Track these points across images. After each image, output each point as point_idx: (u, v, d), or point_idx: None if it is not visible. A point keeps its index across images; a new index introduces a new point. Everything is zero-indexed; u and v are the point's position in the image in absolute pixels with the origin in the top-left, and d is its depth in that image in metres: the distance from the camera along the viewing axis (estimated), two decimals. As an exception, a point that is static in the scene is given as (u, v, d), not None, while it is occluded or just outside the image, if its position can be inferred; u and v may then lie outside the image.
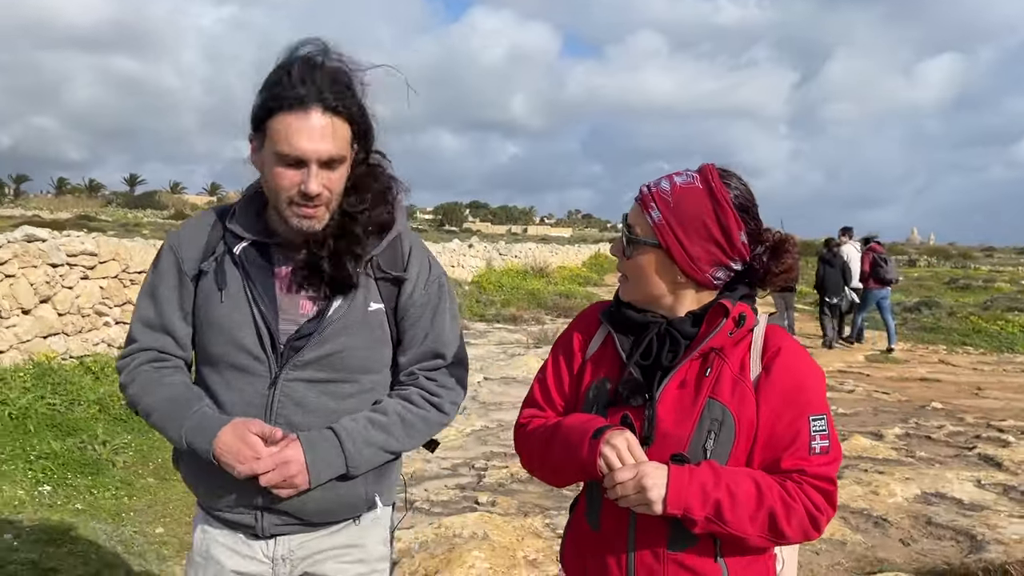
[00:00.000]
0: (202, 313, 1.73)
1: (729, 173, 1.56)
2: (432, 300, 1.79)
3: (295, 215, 1.62)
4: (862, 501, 5.18)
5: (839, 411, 8.01)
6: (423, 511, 4.87)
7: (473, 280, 19.07)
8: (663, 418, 1.51)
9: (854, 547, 4.46)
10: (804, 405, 1.48)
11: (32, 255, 6.83)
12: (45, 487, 4.62)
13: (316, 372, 1.69)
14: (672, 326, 1.54)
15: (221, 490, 1.71)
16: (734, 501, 1.43)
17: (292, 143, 1.57)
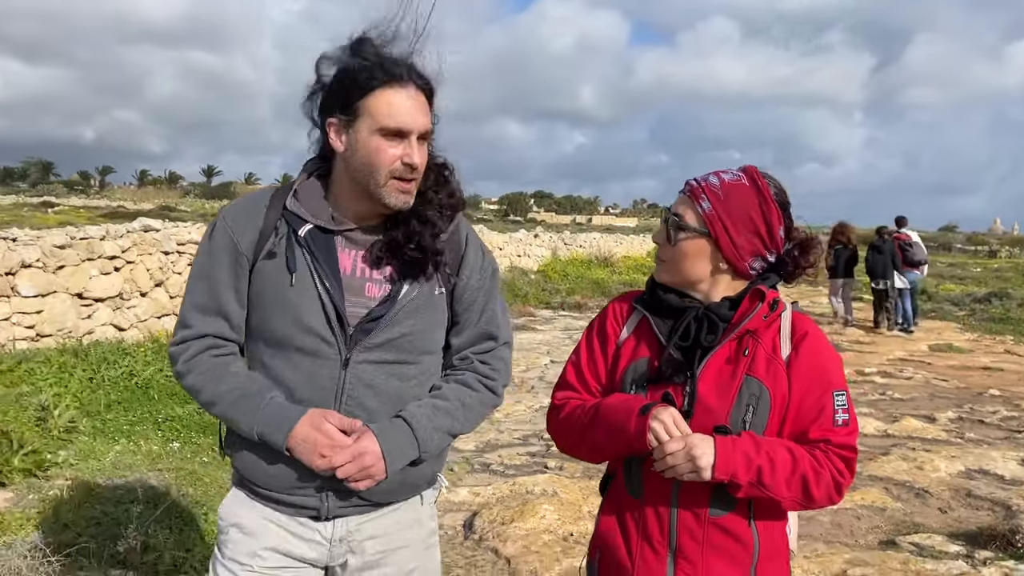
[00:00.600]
0: (266, 294, 1.70)
1: (768, 175, 1.70)
2: (487, 284, 1.85)
3: (395, 190, 1.65)
4: (906, 475, 5.54)
5: (894, 396, 8.29)
6: (499, 473, 5.42)
7: (539, 269, 19.59)
8: (704, 394, 1.63)
9: (893, 513, 4.85)
10: (828, 382, 1.63)
11: (148, 244, 7.63)
12: (175, 443, 5.35)
13: (385, 354, 1.71)
14: (710, 310, 1.66)
15: (284, 474, 1.70)
16: (773, 467, 1.57)
17: (396, 116, 1.61)
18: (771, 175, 1.70)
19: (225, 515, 1.80)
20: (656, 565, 1.67)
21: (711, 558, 1.63)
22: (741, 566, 1.64)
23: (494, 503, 4.74)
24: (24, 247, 6.92)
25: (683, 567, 1.65)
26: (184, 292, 1.78)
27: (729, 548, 1.63)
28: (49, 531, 3.57)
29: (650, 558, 1.67)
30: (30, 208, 44.40)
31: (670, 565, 1.66)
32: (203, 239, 1.76)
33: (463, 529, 4.41)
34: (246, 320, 1.75)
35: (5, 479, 4.30)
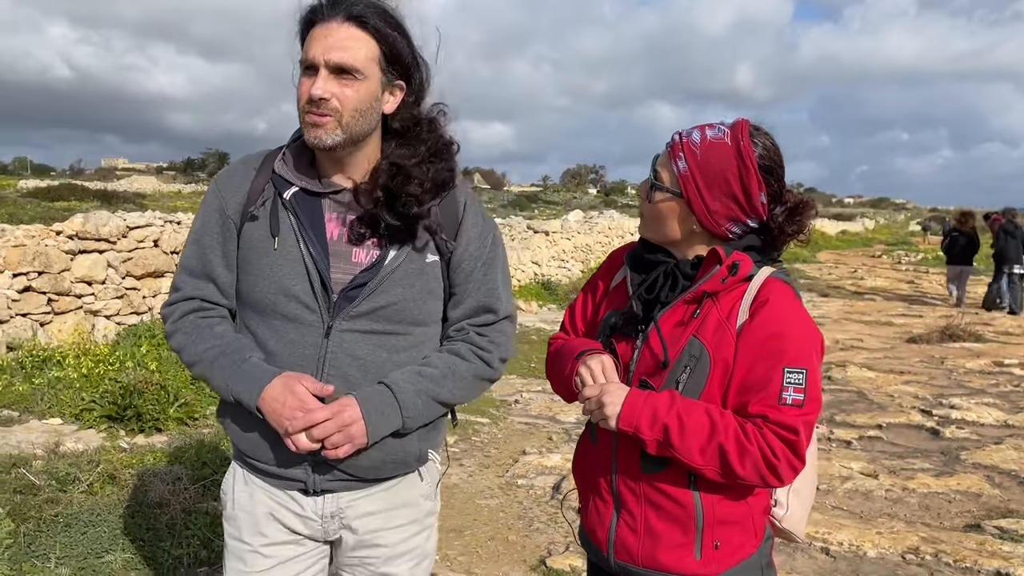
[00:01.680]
0: (251, 259, 1.65)
1: (759, 131, 1.59)
2: (486, 255, 1.75)
3: (308, 125, 1.58)
4: (1014, 464, 5.38)
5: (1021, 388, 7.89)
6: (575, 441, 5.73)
7: (673, 254, 19.51)
8: (652, 349, 1.60)
9: (988, 499, 4.77)
10: (779, 355, 1.50)
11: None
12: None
13: (371, 323, 1.63)
14: (677, 267, 1.62)
15: (272, 444, 1.65)
16: (683, 429, 1.50)
17: (308, 50, 1.56)
18: (763, 131, 1.60)
19: (226, 490, 1.77)
20: (604, 510, 1.68)
21: (650, 514, 1.61)
22: (683, 528, 1.59)
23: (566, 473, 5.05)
24: (187, 229, 7.85)
25: (625, 517, 1.64)
26: (180, 256, 1.77)
27: (669, 508, 1.59)
28: (191, 467, 4.22)
29: (599, 503, 1.70)
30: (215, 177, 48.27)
31: (614, 514, 1.66)
32: (201, 204, 1.74)
33: (550, 490, 4.76)
34: (237, 287, 1.71)
35: (162, 425, 5.05)
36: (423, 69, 1.65)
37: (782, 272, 1.63)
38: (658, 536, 1.61)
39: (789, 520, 1.70)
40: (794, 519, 1.71)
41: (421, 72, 1.65)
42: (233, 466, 1.79)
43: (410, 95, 1.65)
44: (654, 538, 1.61)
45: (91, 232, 6.83)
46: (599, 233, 16.76)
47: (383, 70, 1.59)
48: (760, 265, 1.60)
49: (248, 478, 1.74)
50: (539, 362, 8.37)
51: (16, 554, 3.33)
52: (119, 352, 6.28)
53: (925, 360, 9.40)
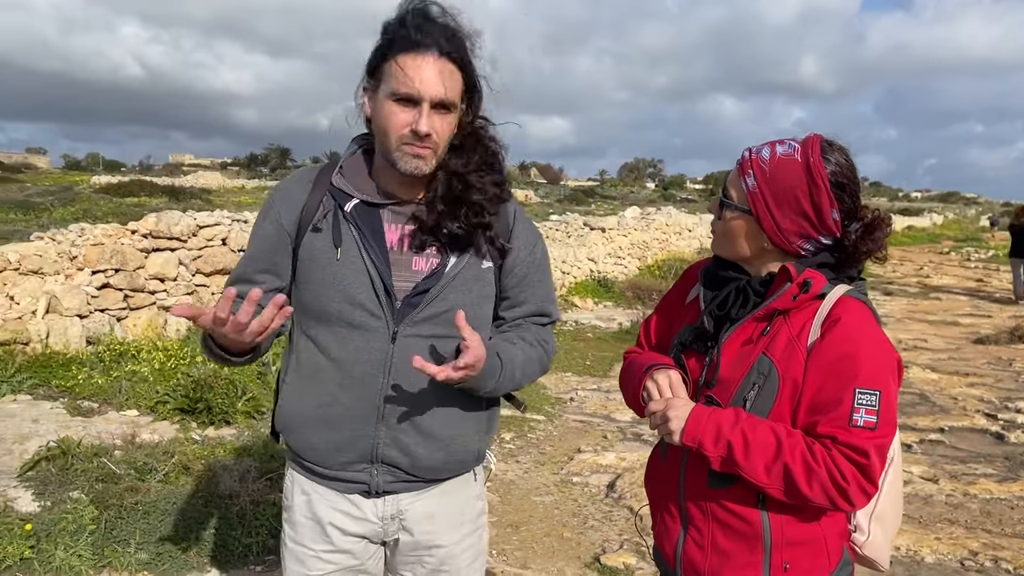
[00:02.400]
0: (313, 269, 1.69)
1: (832, 147, 1.56)
2: (538, 262, 1.82)
3: (405, 155, 1.61)
4: (1083, 471, 5.26)
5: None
6: (649, 443, 5.76)
7: (731, 251, 19.29)
8: (723, 366, 1.59)
9: (1054, 506, 4.68)
10: (852, 376, 1.46)
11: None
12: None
13: (432, 328, 1.69)
14: (749, 284, 1.61)
15: (336, 449, 1.71)
16: (747, 446, 1.48)
17: (408, 82, 1.57)
18: (837, 147, 1.56)
19: (287, 495, 1.83)
20: (672, 526, 1.69)
21: (717, 531, 1.60)
22: (750, 547, 1.58)
23: (637, 468, 5.11)
24: (253, 228, 8.13)
25: (692, 533, 1.64)
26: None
27: (735, 526, 1.58)
28: (258, 460, 4.41)
29: (667, 519, 1.71)
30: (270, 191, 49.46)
31: (682, 530, 1.67)
32: (257, 216, 1.77)
33: (605, 488, 4.83)
34: (296, 296, 1.74)
35: (230, 418, 5.27)
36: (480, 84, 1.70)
37: (859, 291, 1.59)
38: (725, 554, 1.60)
39: (870, 547, 1.65)
40: (876, 546, 1.65)
41: (480, 89, 1.70)
42: (291, 474, 1.84)
43: (468, 114, 1.71)
44: (721, 556, 1.60)
45: (164, 231, 7.13)
46: (656, 230, 16.67)
47: (463, 98, 1.67)
48: (835, 283, 1.57)
49: (306, 485, 1.79)
50: (594, 360, 8.43)
51: (99, 539, 3.54)
52: (189, 347, 6.54)
53: (992, 362, 9.16)
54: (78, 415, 5.22)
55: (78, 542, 3.48)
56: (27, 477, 4.12)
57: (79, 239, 6.65)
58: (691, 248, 17.91)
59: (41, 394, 5.60)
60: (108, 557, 3.46)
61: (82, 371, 5.84)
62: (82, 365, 5.97)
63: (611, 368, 8.23)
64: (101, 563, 3.43)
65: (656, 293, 12.67)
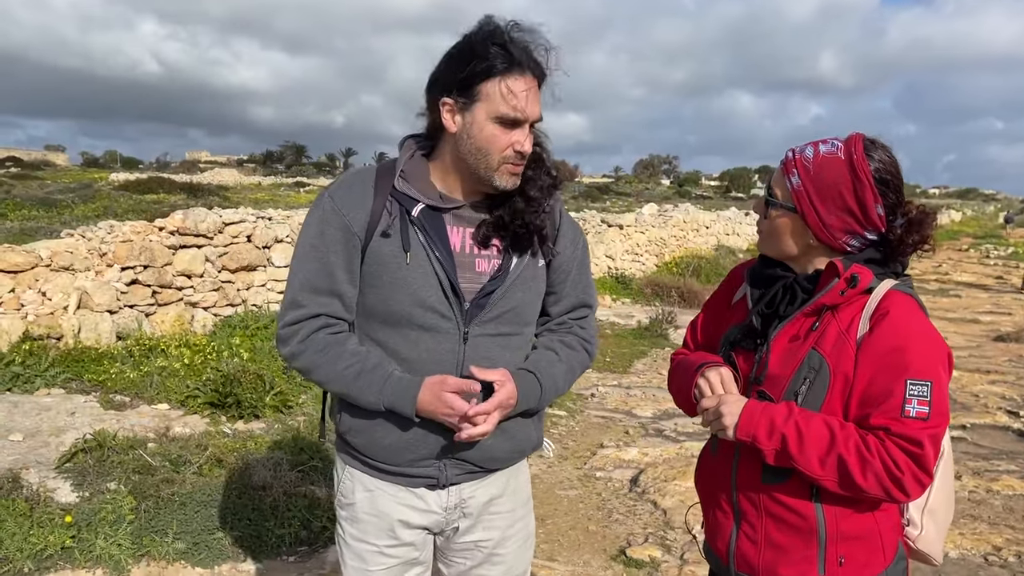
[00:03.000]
0: (381, 274, 1.72)
1: (875, 145, 1.58)
2: (580, 256, 1.91)
3: (506, 173, 1.68)
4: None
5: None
6: (671, 439, 5.82)
7: (748, 248, 19.29)
8: (772, 362, 1.61)
9: (1077, 503, 4.69)
10: (903, 368, 1.48)
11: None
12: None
13: (498, 326, 1.76)
14: (796, 281, 1.63)
15: (405, 448, 1.76)
16: (801, 439, 1.51)
17: (515, 105, 1.62)
18: (880, 145, 1.59)
19: (346, 493, 1.86)
20: (724, 522, 1.71)
21: (771, 526, 1.62)
22: (805, 541, 1.59)
23: (660, 463, 5.17)
24: (277, 225, 8.22)
25: (745, 528, 1.66)
26: (291, 274, 1.78)
27: (790, 520, 1.59)
28: (289, 453, 4.49)
29: (719, 515, 1.73)
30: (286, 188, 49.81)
31: (734, 525, 1.68)
32: (310, 220, 1.76)
33: (628, 483, 4.88)
34: (360, 300, 1.77)
35: (259, 412, 5.36)
36: None
37: (906, 285, 1.60)
38: (779, 548, 1.61)
39: (924, 541, 1.66)
40: (929, 540, 1.66)
41: None
42: (349, 472, 1.86)
43: None
44: (775, 551, 1.62)
45: (190, 228, 7.23)
46: (673, 227, 16.68)
47: None
48: (882, 277, 1.58)
49: (369, 482, 1.82)
50: (614, 356, 8.48)
51: (138, 529, 3.63)
52: (216, 342, 6.64)
53: (1013, 359, 9.14)
54: (111, 408, 5.32)
55: (117, 532, 3.57)
56: (65, 469, 4.23)
57: (108, 236, 6.77)
58: (708, 245, 17.90)
59: (74, 388, 5.71)
60: (147, 546, 3.55)
61: (114, 366, 5.96)
62: (113, 360, 6.08)
63: (631, 364, 8.27)
64: (140, 552, 3.52)
65: (675, 290, 12.70)
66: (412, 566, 1.88)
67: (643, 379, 7.72)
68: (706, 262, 15.65)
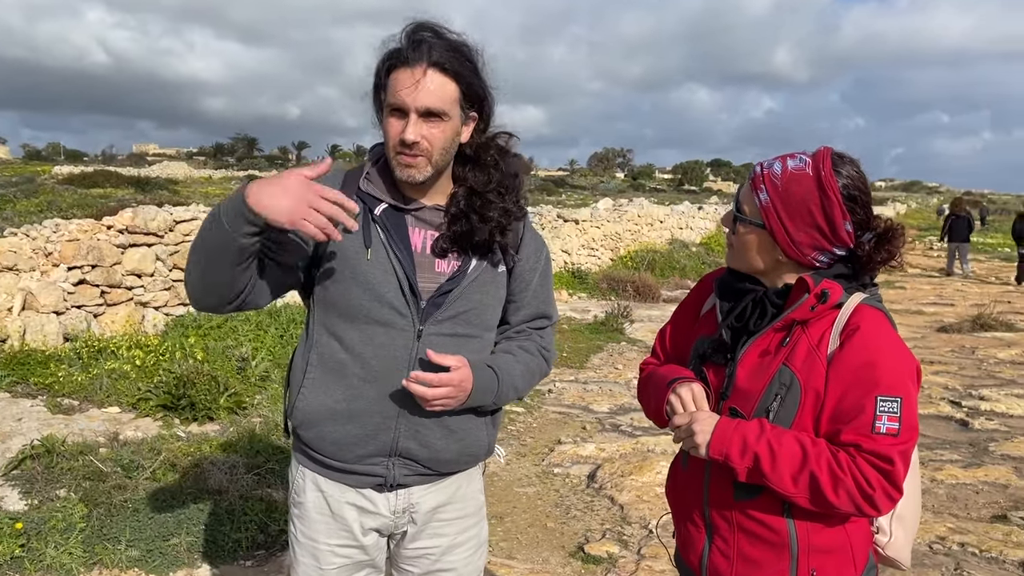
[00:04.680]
0: (342, 268, 1.76)
1: (843, 160, 1.57)
2: (542, 267, 1.95)
3: (398, 164, 1.71)
4: (1043, 456, 5.47)
5: (1061, 379, 7.91)
6: (627, 433, 5.89)
7: (701, 242, 19.55)
8: (740, 377, 1.61)
9: (1016, 490, 4.87)
10: (873, 384, 1.48)
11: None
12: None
13: (454, 327, 1.79)
14: (766, 296, 1.63)
15: (354, 443, 1.79)
16: (774, 457, 1.50)
17: (397, 93, 1.67)
18: (848, 160, 1.58)
19: (298, 492, 1.89)
20: (696, 536, 1.71)
21: (743, 541, 1.62)
22: (777, 555, 1.59)
23: (617, 458, 5.23)
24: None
25: (718, 543, 1.66)
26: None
27: (762, 535, 1.60)
28: (244, 455, 4.45)
29: (691, 529, 1.73)
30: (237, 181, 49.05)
31: (707, 539, 1.69)
32: None
33: (586, 479, 4.93)
34: (321, 294, 1.80)
35: (213, 414, 5.28)
36: (490, 97, 1.78)
37: (874, 299, 1.61)
38: (752, 563, 1.61)
39: (893, 548, 1.68)
40: (898, 546, 1.68)
41: (490, 101, 1.78)
42: (301, 471, 1.88)
43: (481, 123, 1.78)
44: (748, 564, 1.62)
45: (140, 226, 7.09)
46: (628, 221, 16.82)
47: (462, 107, 1.73)
48: (851, 292, 1.59)
49: (320, 481, 1.85)
50: (570, 351, 8.54)
51: (89, 537, 3.57)
52: (168, 343, 6.53)
53: (956, 350, 9.43)
54: (59, 413, 5.20)
55: (68, 540, 3.50)
56: (12, 476, 4.12)
57: (54, 235, 6.60)
58: (662, 239, 18.09)
59: (20, 392, 5.57)
60: (99, 554, 3.48)
61: (61, 368, 5.81)
62: (60, 362, 5.94)
63: (587, 359, 8.34)
64: (92, 560, 3.46)
65: (630, 284, 12.82)
66: (363, 567, 1.90)
67: (600, 374, 7.79)
68: (660, 256, 15.83)
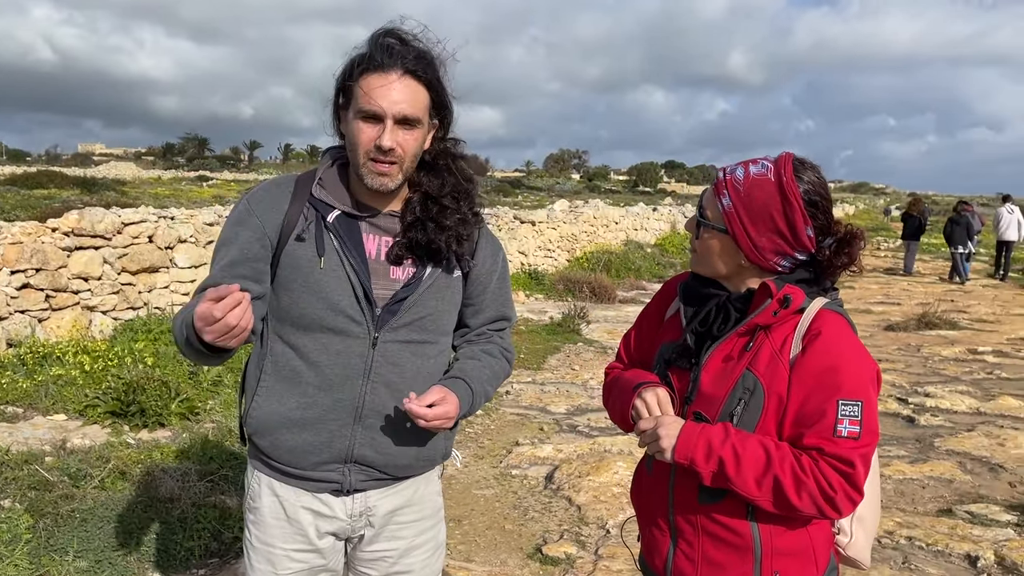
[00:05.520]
0: (295, 277, 1.74)
1: (805, 166, 1.59)
2: (500, 269, 1.95)
3: (370, 172, 1.69)
4: (985, 450, 5.63)
5: (1002, 375, 8.15)
6: (584, 434, 5.92)
7: (656, 243, 19.74)
8: (704, 382, 1.62)
9: (960, 485, 5.01)
10: (835, 388, 1.50)
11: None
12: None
13: (409, 333, 1.78)
14: (729, 301, 1.64)
15: (310, 450, 1.77)
16: (738, 461, 1.52)
17: (372, 99, 1.64)
18: (809, 165, 1.61)
19: (254, 497, 1.87)
20: (661, 539, 1.72)
21: (708, 544, 1.64)
22: (741, 558, 1.61)
23: (574, 459, 5.25)
24: (180, 224, 7.94)
25: (682, 546, 1.67)
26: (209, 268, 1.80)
27: (726, 539, 1.61)
28: (197, 462, 4.37)
29: (656, 533, 1.74)
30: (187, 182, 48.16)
31: (672, 542, 1.70)
32: (225, 224, 1.79)
33: (543, 480, 4.94)
34: (274, 304, 1.78)
35: (165, 420, 5.18)
36: (451, 104, 1.78)
37: (836, 303, 1.63)
38: (716, 566, 1.63)
39: (853, 548, 1.70)
40: (858, 547, 1.71)
41: (451, 108, 1.78)
42: (257, 475, 1.87)
43: (441, 130, 1.79)
44: (712, 568, 1.63)
45: (87, 229, 6.91)
46: (584, 223, 16.92)
47: (430, 115, 1.73)
48: (812, 297, 1.60)
49: (276, 486, 1.83)
50: (528, 352, 8.56)
51: (36, 549, 3.47)
52: (117, 348, 6.38)
53: (902, 348, 9.67)
54: (2, 421, 5.05)
55: (14, 552, 3.40)
56: (-47, 487, 3.99)
57: (-4, 238, 6.40)
58: (618, 240, 18.23)
59: (-39, 400, 5.39)
60: (46, 566, 3.39)
61: (4, 375, 5.65)
62: (4, 369, 5.77)
63: (544, 360, 8.36)
64: (38, 573, 3.36)
65: (586, 285, 12.89)
66: (320, 572, 1.89)
67: (557, 375, 7.82)
68: (616, 257, 15.94)
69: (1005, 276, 18.42)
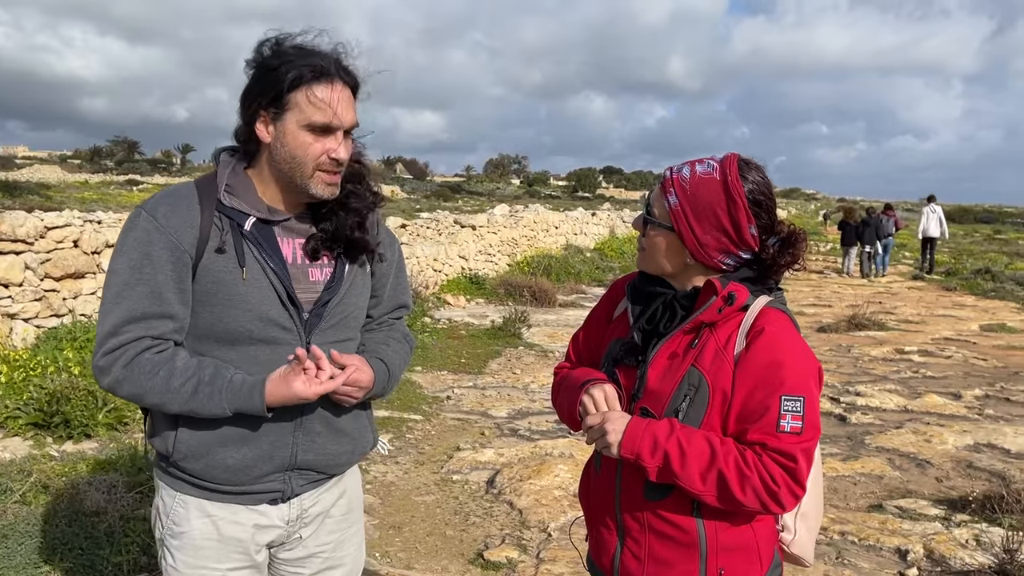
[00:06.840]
0: (216, 291, 1.67)
1: (750, 166, 1.63)
2: (397, 260, 1.98)
3: (321, 182, 1.68)
4: (912, 447, 5.81)
5: (927, 374, 8.43)
6: (525, 438, 5.91)
7: (595, 247, 19.91)
8: (651, 378, 1.64)
9: (890, 481, 5.16)
10: (777, 385, 1.53)
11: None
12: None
13: (337, 333, 1.79)
14: (676, 299, 1.67)
15: (248, 466, 1.72)
16: (684, 455, 1.54)
17: (324, 112, 1.63)
18: (754, 166, 1.64)
19: (179, 522, 1.76)
20: (609, 538, 1.74)
21: (654, 542, 1.65)
22: (687, 555, 1.63)
23: (515, 463, 5.23)
24: (108, 229, 7.67)
25: (629, 544, 1.69)
26: (109, 303, 1.66)
27: (672, 535, 1.63)
28: (125, 473, 4.21)
29: (603, 532, 1.75)
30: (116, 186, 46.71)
31: (619, 542, 1.71)
32: (127, 242, 1.67)
33: (485, 485, 4.91)
34: (192, 321, 1.71)
35: (91, 431, 4.99)
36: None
37: (779, 301, 1.66)
38: (663, 563, 1.65)
39: (797, 545, 1.73)
40: (802, 543, 1.73)
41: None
42: (181, 499, 1.76)
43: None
44: (659, 565, 1.65)
45: (7, 233, 6.63)
46: (525, 227, 16.95)
47: None
48: (757, 295, 1.63)
49: (206, 507, 1.75)
50: (469, 357, 8.52)
51: (-50, 568, 3.29)
52: (40, 356, 6.12)
53: (834, 348, 9.93)
54: (-85, 434, 4.80)
55: (-74, 573, 3.22)
56: None
57: (-92, 242, 6.09)
58: (558, 244, 18.32)
59: None
60: (-39, 587, 3.22)
61: (-83, 386, 5.37)
62: (-84, 380, 5.48)
63: (485, 364, 8.34)
64: (-47, 594, 3.20)
65: (527, 289, 12.90)
66: None
67: (498, 379, 7.80)
68: (556, 261, 16.02)
69: (931, 270, 20.28)
